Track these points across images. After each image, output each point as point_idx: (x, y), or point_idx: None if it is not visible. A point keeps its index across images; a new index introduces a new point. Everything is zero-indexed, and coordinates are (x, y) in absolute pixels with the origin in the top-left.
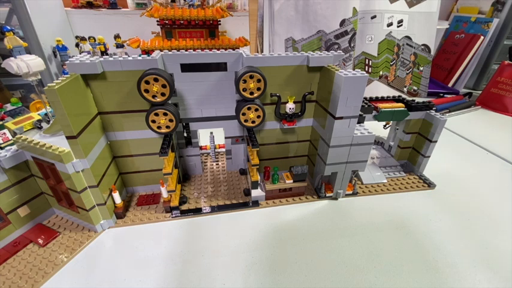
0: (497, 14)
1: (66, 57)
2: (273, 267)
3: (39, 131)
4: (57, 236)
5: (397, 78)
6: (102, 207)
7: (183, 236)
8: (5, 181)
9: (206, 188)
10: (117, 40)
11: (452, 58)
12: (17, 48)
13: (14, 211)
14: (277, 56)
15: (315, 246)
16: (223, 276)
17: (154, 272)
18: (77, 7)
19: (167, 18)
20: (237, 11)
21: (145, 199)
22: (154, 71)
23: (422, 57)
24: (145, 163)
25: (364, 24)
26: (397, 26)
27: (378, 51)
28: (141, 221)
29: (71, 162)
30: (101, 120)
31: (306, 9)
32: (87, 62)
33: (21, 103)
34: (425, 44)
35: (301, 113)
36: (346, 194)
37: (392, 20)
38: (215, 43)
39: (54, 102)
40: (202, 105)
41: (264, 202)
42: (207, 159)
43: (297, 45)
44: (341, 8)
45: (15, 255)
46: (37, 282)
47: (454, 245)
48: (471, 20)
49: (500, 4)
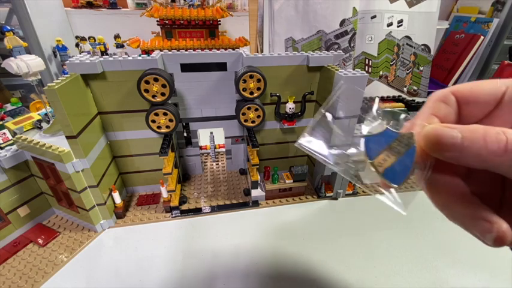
0: (497, 14)
1: (66, 57)
2: (273, 267)
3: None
4: (57, 236)
5: (397, 78)
6: (102, 207)
7: (183, 236)
8: (5, 181)
9: (206, 188)
10: (117, 40)
11: (452, 58)
12: (17, 48)
13: (14, 211)
14: (277, 56)
15: (315, 246)
16: (223, 276)
17: (154, 272)
18: (77, 7)
19: (167, 18)
20: (237, 11)
21: (145, 199)
22: (154, 71)
23: (422, 57)
24: (145, 163)
25: (364, 24)
26: (397, 26)
27: (378, 51)
28: (141, 221)
29: (71, 162)
30: (100, 120)
31: (306, 9)
32: (87, 62)
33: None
34: (425, 44)
35: (301, 113)
36: (346, 194)
37: (392, 20)
38: (215, 43)
39: (54, 102)
40: (202, 105)
41: (264, 202)
42: (207, 159)
43: (297, 45)
44: (341, 8)
45: (15, 255)
46: (37, 282)
47: (454, 245)
48: (471, 20)
49: (500, 4)
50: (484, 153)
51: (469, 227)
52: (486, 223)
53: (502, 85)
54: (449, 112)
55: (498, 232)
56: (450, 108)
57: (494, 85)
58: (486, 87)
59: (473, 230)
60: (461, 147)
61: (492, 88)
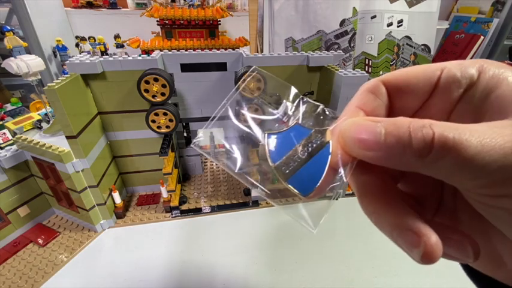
0: (497, 14)
1: (66, 57)
2: (273, 267)
3: (39, 131)
4: (57, 236)
5: None
6: (102, 207)
7: (183, 235)
8: (5, 181)
9: (206, 188)
10: (117, 40)
11: (452, 58)
12: (17, 48)
13: (14, 211)
14: (277, 55)
15: (315, 246)
16: (223, 276)
17: (154, 272)
18: (77, 7)
19: (167, 18)
20: (237, 11)
21: (145, 199)
22: (154, 71)
23: (422, 57)
24: (145, 163)
25: (364, 24)
26: (397, 26)
27: (378, 51)
28: (141, 221)
29: (71, 162)
30: (100, 120)
31: (306, 9)
32: (87, 62)
33: (21, 103)
34: (425, 44)
35: None
36: (346, 194)
37: (392, 20)
38: (215, 43)
39: (54, 102)
40: (202, 105)
41: (264, 202)
42: (207, 159)
43: (297, 45)
44: (341, 8)
45: (15, 255)
46: (37, 282)
47: None
48: (471, 20)
49: (500, 4)
50: (409, 152)
51: (395, 239)
52: (413, 235)
53: (437, 69)
54: (378, 105)
55: (425, 247)
56: (379, 100)
57: (429, 69)
58: (420, 73)
59: (398, 242)
60: (384, 146)
61: (426, 73)
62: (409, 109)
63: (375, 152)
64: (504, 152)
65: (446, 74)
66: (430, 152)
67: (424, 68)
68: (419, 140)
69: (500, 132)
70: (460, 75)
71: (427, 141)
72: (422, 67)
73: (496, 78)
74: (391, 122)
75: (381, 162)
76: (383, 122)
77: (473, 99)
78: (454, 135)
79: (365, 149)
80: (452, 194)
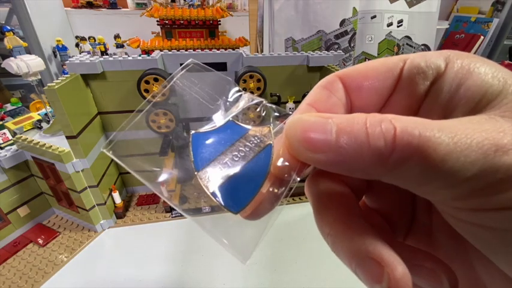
0: (497, 14)
1: (66, 57)
2: (273, 267)
3: (39, 131)
4: (57, 236)
5: None
6: (102, 207)
7: (183, 235)
8: (5, 181)
9: None
10: (117, 40)
11: None
12: (17, 48)
13: (14, 211)
14: (277, 55)
15: (315, 246)
16: (223, 276)
17: (154, 272)
18: (77, 7)
19: (167, 18)
20: (237, 11)
21: (145, 199)
22: (155, 71)
23: None
24: None
25: (364, 24)
26: (397, 26)
27: (377, 51)
28: (141, 221)
29: (71, 162)
30: (100, 120)
31: (306, 9)
32: (87, 62)
33: (21, 103)
34: (425, 44)
35: None
36: None
37: (392, 20)
38: (215, 43)
39: (54, 102)
40: (203, 105)
41: None
42: None
43: (297, 45)
44: (341, 8)
45: (15, 255)
46: (37, 282)
47: None
48: (471, 20)
49: (500, 4)
50: (367, 153)
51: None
52: (374, 265)
53: (400, 60)
54: (333, 103)
55: (389, 281)
56: (334, 97)
57: (389, 61)
58: (379, 65)
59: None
60: (335, 146)
61: (387, 64)
62: (370, 108)
63: (325, 154)
64: (483, 152)
65: (410, 65)
66: (392, 153)
67: (384, 60)
68: (377, 137)
69: (476, 127)
70: (425, 65)
71: (388, 139)
72: (383, 59)
73: (465, 68)
74: (344, 117)
75: (334, 167)
76: (334, 118)
77: (441, 93)
78: (420, 131)
79: (313, 151)
80: (426, 209)
